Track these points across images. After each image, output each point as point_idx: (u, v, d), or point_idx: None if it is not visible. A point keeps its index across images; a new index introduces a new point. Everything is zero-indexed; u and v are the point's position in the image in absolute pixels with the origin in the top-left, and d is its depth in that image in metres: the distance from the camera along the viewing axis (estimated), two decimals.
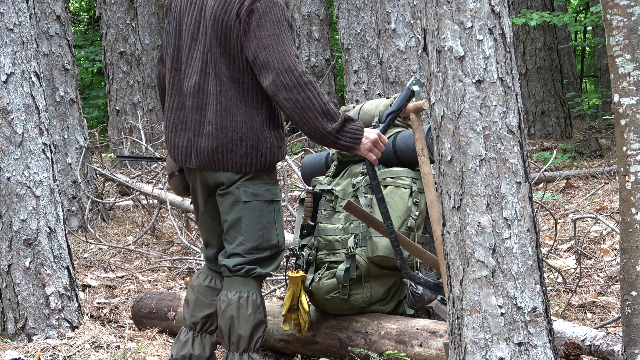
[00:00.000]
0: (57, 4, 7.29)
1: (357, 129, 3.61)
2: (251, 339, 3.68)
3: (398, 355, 3.80)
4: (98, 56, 15.08)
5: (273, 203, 3.72)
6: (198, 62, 3.73)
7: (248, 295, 3.68)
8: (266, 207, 3.70)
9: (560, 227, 6.21)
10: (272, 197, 3.72)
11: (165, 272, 6.30)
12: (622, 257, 2.98)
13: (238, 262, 3.69)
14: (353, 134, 3.60)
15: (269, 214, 3.71)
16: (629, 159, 2.93)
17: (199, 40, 3.73)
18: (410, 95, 3.73)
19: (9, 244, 4.54)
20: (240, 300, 3.67)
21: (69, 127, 7.33)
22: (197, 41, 3.74)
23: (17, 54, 4.57)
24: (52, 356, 4.32)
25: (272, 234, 3.71)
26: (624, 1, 2.91)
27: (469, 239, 2.83)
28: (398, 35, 5.64)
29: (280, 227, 3.76)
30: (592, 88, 17.29)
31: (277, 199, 3.74)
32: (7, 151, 4.53)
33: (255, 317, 3.68)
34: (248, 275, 3.68)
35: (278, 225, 3.75)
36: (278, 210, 3.75)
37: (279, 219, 3.75)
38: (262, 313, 3.71)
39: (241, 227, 3.69)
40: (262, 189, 3.69)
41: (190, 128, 3.74)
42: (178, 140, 3.80)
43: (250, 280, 3.69)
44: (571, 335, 3.64)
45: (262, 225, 3.69)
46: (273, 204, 3.72)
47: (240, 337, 3.67)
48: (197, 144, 3.71)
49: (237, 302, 3.67)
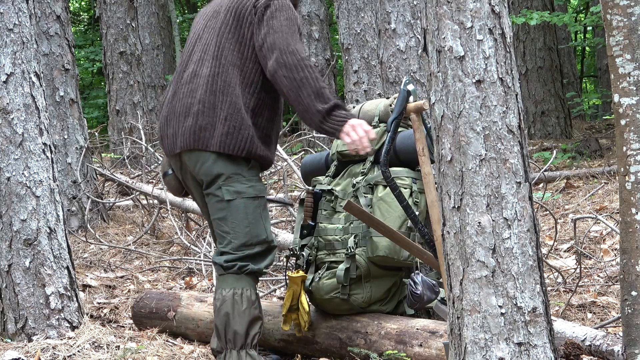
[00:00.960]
0: (57, 4, 7.29)
1: (344, 116, 3.67)
2: (247, 335, 3.70)
3: (398, 355, 3.80)
4: (98, 56, 15.07)
5: (258, 199, 3.77)
6: (198, 53, 3.86)
7: (242, 291, 3.71)
8: (251, 203, 3.75)
9: (560, 227, 6.21)
10: (257, 193, 3.77)
11: (165, 272, 6.30)
12: (622, 257, 2.98)
13: (229, 259, 3.73)
14: (339, 119, 3.66)
15: (255, 209, 3.76)
16: (629, 159, 2.93)
17: (206, 32, 3.89)
18: (407, 96, 3.74)
19: (9, 244, 4.54)
20: (234, 296, 3.70)
21: (69, 127, 7.33)
22: (205, 33, 3.88)
23: (17, 54, 4.57)
24: (52, 356, 4.31)
25: (259, 229, 3.75)
26: (624, 1, 2.91)
27: (469, 239, 2.83)
28: (398, 35, 5.64)
29: (268, 222, 3.81)
30: (592, 88, 17.29)
31: (261, 195, 3.78)
32: (7, 151, 4.52)
33: (250, 313, 3.71)
34: (241, 272, 3.72)
35: (265, 220, 3.79)
36: (264, 206, 3.79)
37: (265, 215, 3.80)
38: (258, 309, 3.73)
39: (228, 226, 3.75)
40: (244, 186, 3.74)
41: (181, 113, 3.82)
42: (168, 130, 3.88)
43: (243, 277, 3.73)
44: (571, 335, 3.64)
45: (249, 221, 3.74)
46: (258, 200, 3.77)
47: (236, 333, 3.69)
48: (184, 125, 3.79)
49: (231, 299, 3.70)
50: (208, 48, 3.83)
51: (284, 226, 6.77)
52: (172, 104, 3.89)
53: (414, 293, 3.74)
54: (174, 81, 3.94)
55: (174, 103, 3.88)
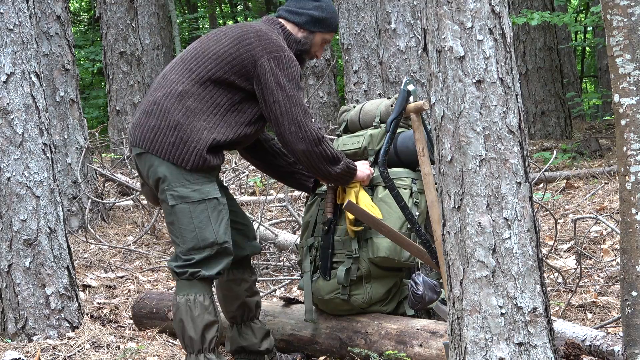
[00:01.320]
0: (57, 4, 7.29)
1: (352, 170, 3.96)
2: (203, 340, 3.74)
3: (398, 356, 3.80)
4: (98, 56, 15.07)
5: (204, 202, 3.75)
6: (181, 60, 3.88)
7: (195, 297, 3.74)
8: (196, 207, 3.74)
9: (561, 227, 6.20)
10: (202, 197, 3.76)
11: (165, 272, 6.30)
12: (622, 257, 2.98)
13: (180, 265, 3.76)
14: (349, 177, 3.97)
15: (201, 213, 3.75)
16: (629, 159, 2.93)
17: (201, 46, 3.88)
18: (407, 96, 3.74)
19: (9, 244, 4.54)
20: (187, 303, 3.74)
21: (69, 127, 7.32)
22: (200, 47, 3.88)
23: (17, 54, 4.57)
24: (52, 356, 4.32)
25: (206, 232, 3.74)
26: (624, 1, 2.91)
27: (469, 239, 2.83)
28: (398, 36, 5.64)
29: (220, 224, 3.78)
30: (592, 88, 17.30)
31: (208, 198, 3.76)
32: (7, 151, 4.52)
33: (204, 318, 3.74)
34: (193, 278, 3.72)
35: (215, 223, 3.76)
36: (213, 208, 3.77)
37: (215, 217, 3.77)
38: (212, 314, 3.76)
39: (175, 230, 3.77)
40: (187, 190, 3.74)
41: (142, 109, 3.86)
42: (131, 121, 3.93)
43: (196, 283, 3.76)
44: (571, 335, 3.63)
45: (194, 225, 3.74)
46: (205, 203, 3.75)
47: (192, 339, 3.74)
48: (139, 121, 3.82)
49: (185, 305, 3.74)
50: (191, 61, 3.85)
51: (284, 226, 6.77)
52: (143, 98, 3.90)
53: (415, 294, 3.74)
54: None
55: (144, 98, 3.93)
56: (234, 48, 3.78)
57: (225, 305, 4.10)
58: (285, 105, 3.74)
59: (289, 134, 3.76)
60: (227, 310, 4.10)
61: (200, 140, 3.72)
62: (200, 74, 3.78)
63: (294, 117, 3.75)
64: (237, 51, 3.77)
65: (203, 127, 3.72)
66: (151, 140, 3.76)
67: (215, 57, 3.78)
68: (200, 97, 3.76)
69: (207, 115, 3.75)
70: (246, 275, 4.09)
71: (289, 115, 3.75)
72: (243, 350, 4.09)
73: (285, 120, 3.75)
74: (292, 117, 3.75)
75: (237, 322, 4.10)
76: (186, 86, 3.77)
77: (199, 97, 3.76)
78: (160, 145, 3.74)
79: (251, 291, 4.10)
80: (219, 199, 3.79)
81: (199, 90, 3.76)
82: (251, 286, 4.11)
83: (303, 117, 3.76)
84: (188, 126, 3.72)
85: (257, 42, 3.77)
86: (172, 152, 3.73)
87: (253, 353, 4.10)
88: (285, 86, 3.74)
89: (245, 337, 4.09)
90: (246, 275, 4.09)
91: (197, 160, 3.72)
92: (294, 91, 3.76)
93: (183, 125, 3.73)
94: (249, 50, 3.76)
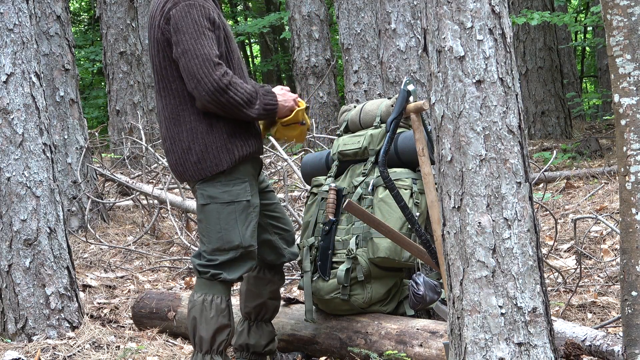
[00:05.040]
0: (57, 4, 7.30)
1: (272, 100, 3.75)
2: (213, 342, 3.74)
3: (398, 356, 3.80)
4: (98, 56, 15.07)
5: (233, 204, 3.74)
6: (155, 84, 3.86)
7: (212, 298, 3.73)
8: (224, 208, 3.73)
9: (561, 227, 6.21)
10: (232, 199, 3.74)
11: (165, 272, 6.30)
12: (622, 257, 2.98)
13: (203, 264, 3.76)
14: (270, 106, 3.75)
15: (228, 215, 3.73)
16: (629, 159, 2.93)
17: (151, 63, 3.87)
18: (407, 96, 3.74)
19: (9, 244, 4.54)
20: (204, 302, 3.73)
21: (69, 127, 7.33)
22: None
23: (17, 54, 4.57)
24: (52, 356, 4.32)
25: (232, 235, 3.73)
26: (624, 1, 2.91)
27: (469, 239, 2.83)
28: (398, 36, 5.64)
29: (247, 227, 3.76)
30: (592, 88, 17.30)
31: (238, 200, 3.75)
32: (7, 151, 4.52)
33: (217, 321, 3.73)
34: (214, 279, 3.72)
35: (242, 225, 3.75)
36: (242, 210, 3.75)
37: (243, 219, 3.75)
38: (227, 317, 3.75)
39: (203, 229, 3.78)
40: (219, 191, 3.73)
41: (164, 151, 3.90)
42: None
43: (216, 284, 3.75)
44: (571, 335, 3.63)
45: (221, 227, 3.73)
46: (233, 205, 3.74)
47: (202, 338, 3.74)
48: (170, 162, 3.85)
49: (200, 305, 3.73)
50: (154, 79, 3.85)
51: None
52: None
53: (416, 294, 3.74)
54: None
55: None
56: (154, 49, 3.75)
57: (245, 299, 4.10)
58: (183, 62, 3.62)
59: (192, 89, 3.63)
60: (246, 304, 4.10)
61: (213, 141, 3.71)
62: (164, 89, 3.74)
63: (191, 71, 3.60)
64: (157, 46, 3.72)
65: (204, 129, 3.71)
66: (182, 174, 3.78)
67: (158, 68, 3.74)
68: (181, 107, 3.72)
69: (194, 115, 3.72)
70: (276, 278, 4.10)
71: (187, 71, 3.62)
72: (247, 348, 4.09)
73: (186, 77, 3.63)
74: (190, 71, 3.61)
75: (251, 319, 4.10)
76: (167, 107, 3.75)
77: (181, 108, 3.72)
78: (192, 173, 3.74)
79: (275, 294, 4.10)
80: (250, 201, 3.77)
81: (175, 102, 3.72)
82: (276, 290, 4.11)
83: (200, 68, 3.59)
84: (194, 140, 3.71)
85: (159, 17, 3.70)
86: (202, 169, 3.72)
87: (255, 353, 4.10)
88: (180, 42, 3.62)
89: (253, 337, 4.09)
90: (276, 278, 4.10)
91: (225, 158, 3.71)
92: (190, 43, 3.60)
93: (193, 142, 3.71)
94: (157, 31, 3.70)
